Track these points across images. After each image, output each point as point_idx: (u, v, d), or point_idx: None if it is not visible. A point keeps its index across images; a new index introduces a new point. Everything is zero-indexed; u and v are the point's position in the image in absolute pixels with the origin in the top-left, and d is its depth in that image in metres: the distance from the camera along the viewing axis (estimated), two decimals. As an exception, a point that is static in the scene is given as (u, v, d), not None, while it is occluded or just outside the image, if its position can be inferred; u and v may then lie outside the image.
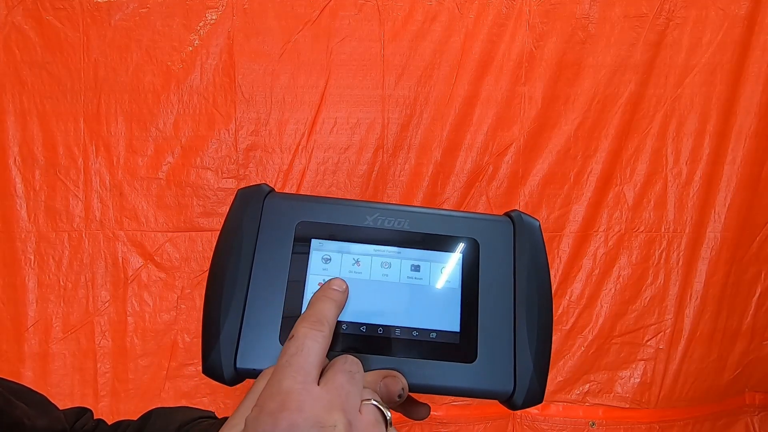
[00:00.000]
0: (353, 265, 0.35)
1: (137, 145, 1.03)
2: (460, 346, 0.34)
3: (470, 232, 0.37)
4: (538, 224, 0.38)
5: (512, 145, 1.10)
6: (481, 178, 1.10)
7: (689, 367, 1.15)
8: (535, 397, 0.34)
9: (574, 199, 1.12)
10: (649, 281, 1.14)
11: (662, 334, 1.14)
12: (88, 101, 1.01)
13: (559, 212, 1.13)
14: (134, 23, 1.01)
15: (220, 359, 0.33)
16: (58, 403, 0.43)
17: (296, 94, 1.06)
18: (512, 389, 0.34)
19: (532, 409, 1.16)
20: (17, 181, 1.00)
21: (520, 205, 1.11)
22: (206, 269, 1.04)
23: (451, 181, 1.10)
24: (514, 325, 0.35)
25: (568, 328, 1.14)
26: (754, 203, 1.13)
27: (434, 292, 0.35)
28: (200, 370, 0.35)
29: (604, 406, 1.16)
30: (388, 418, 0.28)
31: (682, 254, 1.13)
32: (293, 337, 0.29)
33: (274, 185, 1.05)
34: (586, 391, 1.16)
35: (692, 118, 1.11)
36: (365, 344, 0.34)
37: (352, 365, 0.29)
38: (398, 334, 0.34)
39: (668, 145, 1.12)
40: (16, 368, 1.00)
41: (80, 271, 1.02)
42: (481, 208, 1.11)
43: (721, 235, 1.12)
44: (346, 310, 0.34)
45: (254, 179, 1.06)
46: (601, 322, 1.14)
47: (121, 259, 1.03)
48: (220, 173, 1.05)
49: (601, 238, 1.14)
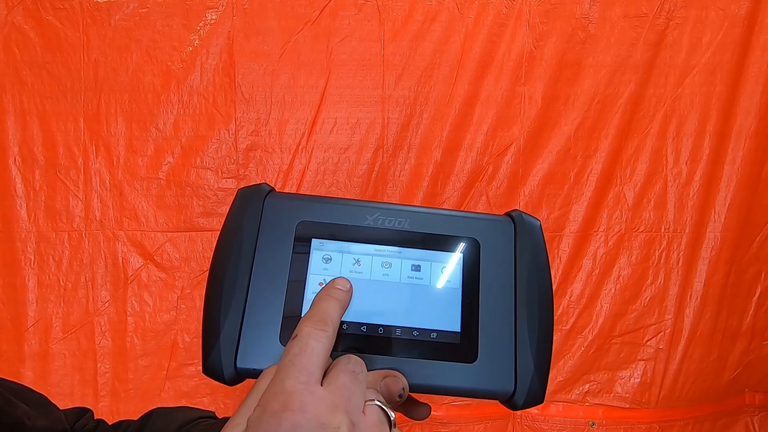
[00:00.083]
0: (354, 264, 0.35)
1: (137, 145, 1.03)
2: (460, 346, 0.34)
3: (471, 231, 0.37)
4: (539, 224, 0.38)
5: (512, 145, 1.10)
6: (481, 178, 1.10)
7: (689, 367, 1.15)
8: (536, 397, 0.34)
9: (574, 199, 1.12)
10: (649, 281, 1.14)
11: (662, 334, 1.14)
12: (88, 101, 1.01)
13: (559, 212, 1.13)
14: (134, 23, 1.01)
15: (220, 359, 0.33)
16: (58, 403, 0.43)
17: (296, 94, 1.06)
18: (513, 389, 0.34)
19: (532, 409, 1.16)
20: (17, 181, 1.00)
21: (520, 205, 1.11)
22: (206, 269, 1.04)
23: (451, 181, 1.10)
24: (515, 325, 0.35)
25: (568, 328, 1.14)
26: (754, 203, 1.13)
27: (435, 292, 0.35)
28: (200, 370, 0.35)
29: (604, 406, 1.16)
30: (392, 418, 0.28)
31: (682, 254, 1.13)
32: (296, 336, 0.28)
33: (274, 185, 1.05)
34: (586, 391, 1.16)
35: (692, 118, 1.11)
36: (366, 344, 0.34)
37: (355, 365, 0.29)
38: (399, 334, 0.34)
39: (668, 145, 1.12)
40: (16, 368, 1.00)
41: (80, 271, 1.02)
42: (481, 208, 1.11)
43: (721, 235, 1.12)
44: (346, 310, 0.34)
45: (254, 179, 1.06)
46: (601, 322, 1.14)
47: (121, 259, 1.03)
48: (220, 173, 1.05)
49: (601, 238, 1.14)
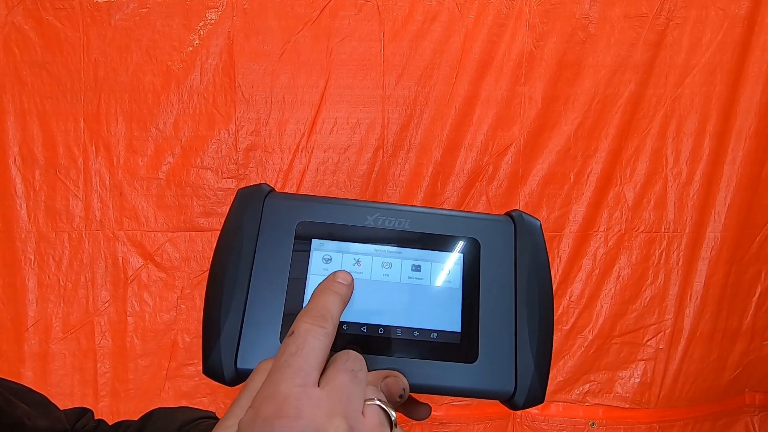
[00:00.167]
0: (354, 265, 0.35)
1: (137, 145, 1.03)
2: (461, 346, 0.34)
3: (471, 231, 0.37)
4: (539, 224, 0.38)
5: (512, 145, 1.10)
6: (481, 178, 1.10)
7: (689, 367, 1.15)
8: (536, 397, 0.34)
9: (574, 199, 1.12)
10: (649, 281, 1.14)
11: (662, 334, 1.14)
12: (88, 101, 1.01)
13: (559, 212, 1.13)
14: (134, 23, 1.01)
15: (220, 359, 0.33)
16: (58, 403, 0.43)
17: (296, 94, 1.06)
18: (513, 389, 0.34)
19: (532, 409, 1.15)
20: (17, 181, 1.00)
21: (520, 205, 1.11)
22: (206, 269, 1.04)
23: (451, 181, 1.10)
24: (515, 325, 0.35)
25: (568, 328, 1.14)
26: (754, 203, 1.13)
27: (435, 292, 0.35)
28: (200, 370, 0.35)
29: (604, 406, 1.16)
30: (392, 418, 0.27)
31: (682, 254, 1.13)
32: (293, 333, 0.27)
33: (274, 185, 1.05)
34: (586, 391, 1.16)
35: (692, 118, 1.11)
36: (366, 344, 0.34)
37: (354, 363, 0.28)
38: (399, 334, 0.34)
39: (668, 145, 1.12)
40: (16, 368, 1.00)
41: (80, 271, 1.02)
42: (481, 208, 1.11)
43: (721, 235, 1.12)
44: (347, 310, 0.34)
45: (254, 179, 1.06)
46: (601, 322, 1.14)
47: (121, 259, 1.03)
48: (220, 173, 1.05)
49: (601, 238, 1.14)
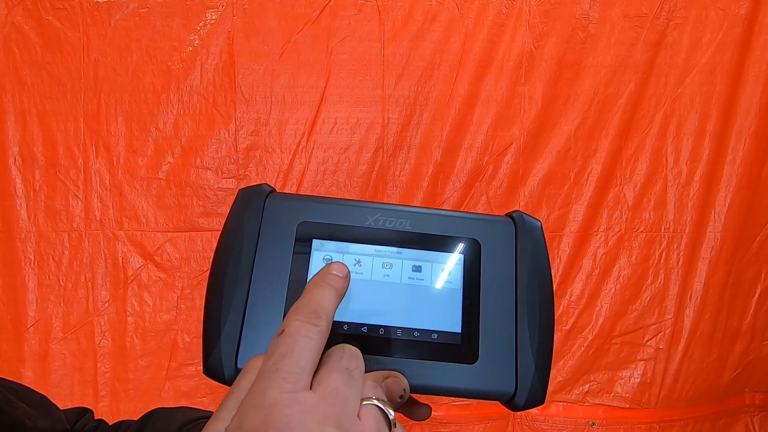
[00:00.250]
0: (354, 265, 0.35)
1: (137, 145, 1.03)
2: (461, 346, 0.34)
3: (472, 232, 0.37)
4: (539, 225, 0.38)
5: (512, 145, 1.10)
6: (481, 178, 1.10)
7: (689, 367, 1.15)
8: (536, 398, 0.34)
9: (574, 199, 1.12)
10: (649, 281, 1.14)
11: (662, 334, 1.14)
12: (88, 101, 1.01)
13: (559, 212, 1.13)
14: (134, 23, 1.01)
15: (221, 359, 0.32)
16: (58, 403, 0.43)
17: (296, 94, 1.06)
18: (514, 390, 0.34)
19: (532, 409, 1.16)
20: (17, 181, 1.00)
21: (520, 205, 1.11)
22: (206, 269, 1.04)
23: (451, 181, 1.10)
24: (515, 326, 0.35)
25: (568, 328, 1.14)
26: (754, 203, 1.13)
27: (435, 292, 0.35)
28: (200, 370, 0.35)
29: (604, 406, 1.16)
30: (391, 418, 0.26)
31: (682, 254, 1.13)
32: (283, 332, 0.25)
33: (274, 185, 1.05)
34: (586, 391, 1.16)
35: (692, 118, 1.11)
36: (366, 345, 0.33)
37: (349, 360, 0.26)
38: (400, 334, 0.34)
39: (668, 145, 1.12)
40: (16, 368, 1.00)
41: (80, 271, 1.02)
42: (481, 208, 1.11)
43: (721, 235, 1.12)
44: (347, 310, 0.34)
45: (254, 179, 1.06)
46: (601, 322, 1.14)
47: (121, 259, 1.03)
48: (220, 173, 1.05)
49: (601, 238, 1.14)
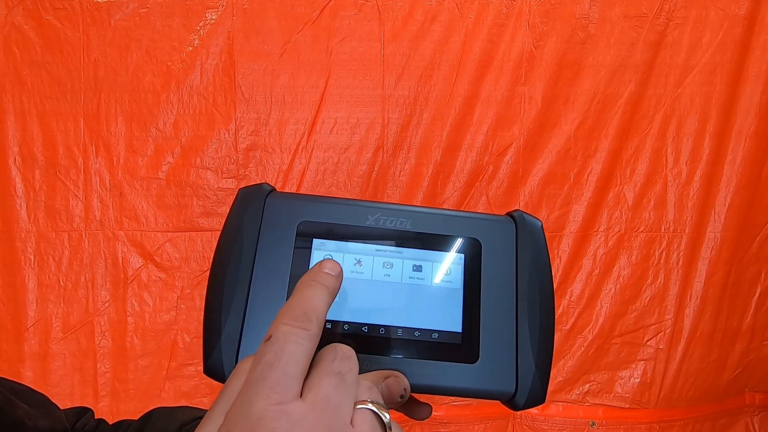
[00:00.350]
0: (355, 265, 0.35)
1: (137, 145, 1.03)
2: (461, 346, 0.34)
3: (472, 232, 0.37)
4: (540, 224, 0.38)
5: (512, 145, 1.10)
6: (481, 178, 1.10)
7: (689, 367, 1.15)
8: (537, 397, 0.34)
9: (574, 199, 1.12)
10: (649, 281, 1.14)
11: (662, 334, 1.14)
12: (88, 101, 1.01)
13: (559, 212, 1.13)
14: (134, 23, 1.01)
15: (221, 359, 0.32)
16: (58, 403, 0.43)
17: (296, 94, 1.06)
18: (514, 390, 0.34)
19: (532, 408, 1.16)
20: (17, 181, 1.00)
21: (520, 205, 1.11)
22: (206, 269, 1.04)
23: (451, 181, 1.10)
24: (516, 325, 0.35)
25: (568, 328, 1.14)
26: (754, 203, 1.13)
27: (436, 292, 0.35)
28: (200, 370, 0.35)
29: (604, 406, 1.16)
30: (386, 421, 0.25)
31: (682, 254, 1.13)
32: (271, 338, 0.24)
33: (274, 185, 1.05)
34: (586, 391, 1.16)
35: (692, 118, 1.11)
36: (367, 344, 0.34)
37: (342, 363, 0.25)
38: (400, 334, 0.34)
39: (668, 145, 1.12)
40: (16, 368, 1.00)
41: (80, 271, 1.02)
42: (481, 208, 1.11)
43: (721, 235, 1.12)
44: (348, 310, 0.34)
45: (254, 179, 1.06)
46: (601, 322, 1.14)
47: (121, 259, 1.03)
48: (220, 173, 1.05)
49: (601, 238, 1.14)
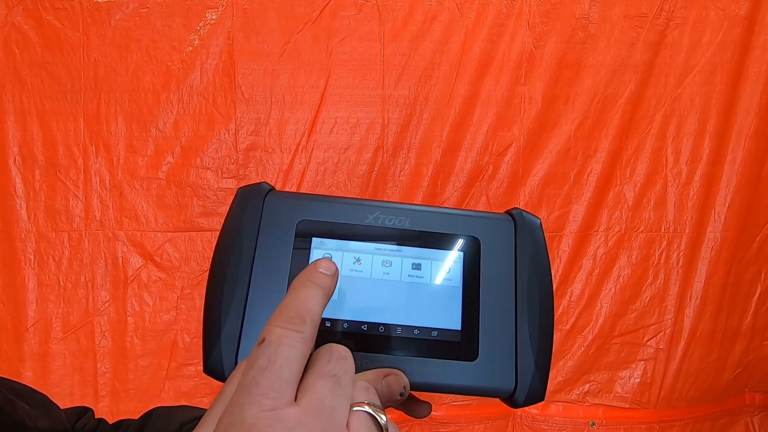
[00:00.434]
0: (354, 263, 0.35)
1: (137, 145, 1.03)
2: (461, 344, 0.34)
3: (471, 230, 0.37)
4: (539, 222, 0.38)
5: (512, 145, 1.10)
6: (481, 178, 1.10)
7: (689, 367, 1.15)
8: (536, 395, 0.34)
9: (574, 199, 1.12)
10: (649, 281, 1.14)
11: (662, 334, 1.14)
12: (88, 101, 1.01)
13: (559, 212, 1.13)
14: (134, 23, 1.01)
15: (221, 358, 0.32)
16: (58, 402, 0.43)
17: (296, 94, 1.06)
18: (514, 387, 0.34)
19: (532, 408, 1.16)
20: (17, 181, 1.00)
21: (520, 205, 1.11)
22: (206, 269, 1.04)
23: (451, 181, 1.10)
24: (515, 323, 0.35)
25: (568, 328, 1.14)
26: (754, 203, 1.13)
27: (435, 290, 0.35)
28: (200, 370, 0.35)
29: (604, 406, 1.16)
30: (382, 423, 0.24)
31: (682, 254, 1.13)
32: (264, 341, 0.23)
33: (274, 185, 1.05)
34: (586, 391, 1.16)
35: (692, 118, 1.11)
36: (366, 343, 0.34)
37: (337, 364, 0.24)
38: (400, 332, 0.34)
39: (668, 145, 1.12)
40: (16, 368, 1.00)
41: (80, 271, 1.02)
42: (481, 207, 1.11)
43: (721, 235, 1.12)
44: (347, 308, 0.34)
45: (254, 179, 1.06)
46: (601, 322, 1.14)
47: (121, 259, 1.03)
48: (220, 173, 1.05)
49: (601, 238, 1.14)
